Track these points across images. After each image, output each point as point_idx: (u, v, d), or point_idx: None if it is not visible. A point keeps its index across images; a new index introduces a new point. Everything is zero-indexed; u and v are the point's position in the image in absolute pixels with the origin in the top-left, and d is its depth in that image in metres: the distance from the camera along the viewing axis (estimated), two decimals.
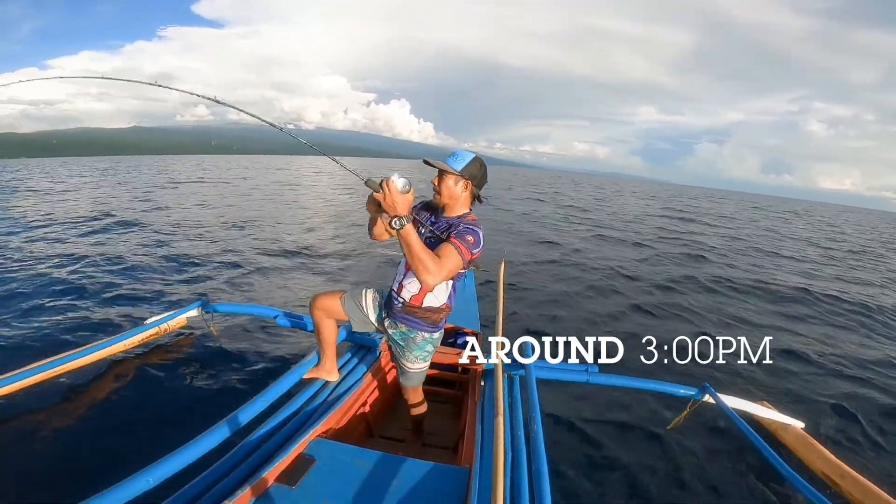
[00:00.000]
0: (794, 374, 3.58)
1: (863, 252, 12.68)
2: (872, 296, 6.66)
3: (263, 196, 14.49)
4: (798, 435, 2.41)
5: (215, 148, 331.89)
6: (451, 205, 1.61)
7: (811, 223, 23.92)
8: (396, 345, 1.78)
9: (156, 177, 20.29)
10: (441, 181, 1.59)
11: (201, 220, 8.95)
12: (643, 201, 25.66)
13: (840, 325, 5.15)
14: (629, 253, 8.34)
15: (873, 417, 2.97)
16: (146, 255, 5.83)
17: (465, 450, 1.65)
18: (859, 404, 3.11)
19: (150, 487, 1.26)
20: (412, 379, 1.83)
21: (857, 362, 3.91)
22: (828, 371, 3.70)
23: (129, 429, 2.25)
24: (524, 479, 1.33)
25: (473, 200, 1.65)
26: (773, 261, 9.14)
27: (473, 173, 1.57)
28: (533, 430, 1.54)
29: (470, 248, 1.47)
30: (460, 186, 1.58)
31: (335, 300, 1.84)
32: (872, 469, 2.37)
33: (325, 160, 1.73)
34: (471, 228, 1.52)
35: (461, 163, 1.56)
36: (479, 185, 1.62)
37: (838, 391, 3.32)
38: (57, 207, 9.72)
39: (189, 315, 2.92)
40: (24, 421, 2.20)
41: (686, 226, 14.20)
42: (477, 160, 1.60)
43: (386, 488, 1.36)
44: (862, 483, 2.00)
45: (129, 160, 42.65)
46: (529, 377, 1.99)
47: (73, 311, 3.76)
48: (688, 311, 5.04)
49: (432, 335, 1.74)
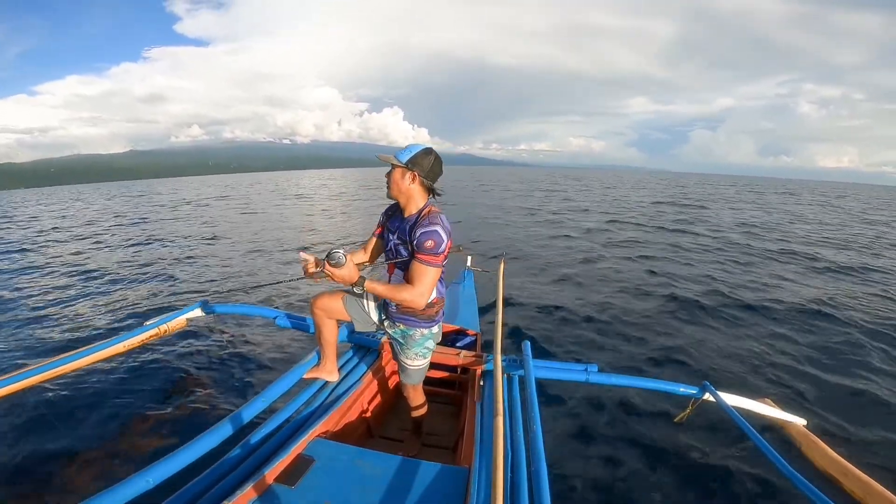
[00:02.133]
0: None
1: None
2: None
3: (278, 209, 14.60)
4: (800, 432, 2.39)
5: (213, 168, 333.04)
6: (405, 201, 1.62)
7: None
8: (397, 343, 1.80)
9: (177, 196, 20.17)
10: (389, 175, 1.61)
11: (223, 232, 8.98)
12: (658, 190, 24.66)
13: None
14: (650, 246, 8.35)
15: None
16: (159, 259, 5.86)
17: (465, 450, 1.65)
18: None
19: (150, 488, 1.26)
20: (413, 376, 1.84)
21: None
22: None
23: (128, 429, 2.26)
24: (523, 479, 1.33)
25: (429, 193, 1.63)
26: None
27: (419, 163, 1.55)
28: (532, 430, 1.54)
29: (434, 252, 1.51)
30: (407, 178, 1.57)
31: (336, 300, 1.85)
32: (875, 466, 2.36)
33: (316, 173, 1.82)
34: (427, 231, 1.51)
35: (407, 154, 1.56)
36: (429, 177, 1.58)
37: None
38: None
39: (190, 316, 2.92)
40: (24, 422, 2.21)
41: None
42: (425, 150, 1.58)
43: (385, 488, 1.35)
44: (865, 481, 1.99)
45: (134, 184, 42.70)
46: (529, 377, 1.98)
47: (74, 313, 3.78)
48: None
49: (431, 330, 1.75)
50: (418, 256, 1.52)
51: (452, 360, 2.27)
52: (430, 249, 1.50)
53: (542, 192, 24.66)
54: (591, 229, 10.81)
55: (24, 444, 2.08)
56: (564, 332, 4.11)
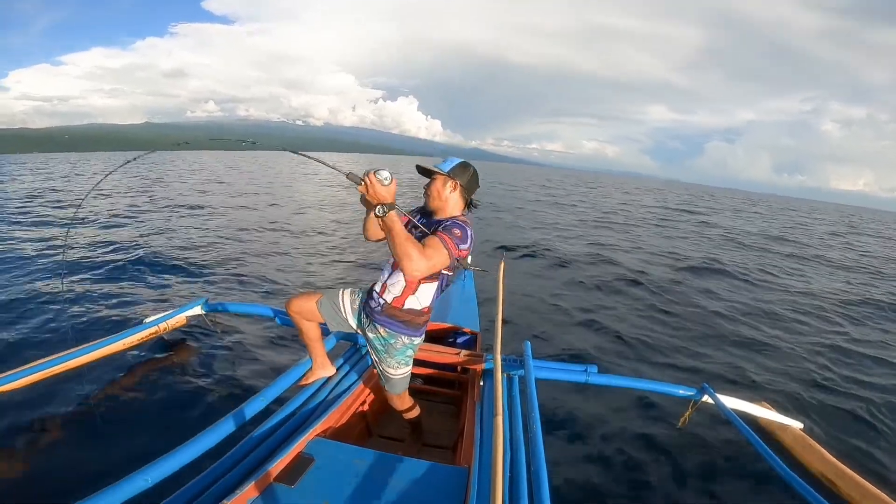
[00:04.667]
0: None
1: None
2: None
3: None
4: (797, 435, 2.41)
5: (221, 144, 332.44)
6: (441, 207, 1.63)
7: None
8: (376, 351, 1.72)
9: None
10: (430, 184, 1.65)
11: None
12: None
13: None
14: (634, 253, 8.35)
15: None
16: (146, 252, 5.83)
17: (465, 450, 1.65)
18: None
19: (149, 486, 1.26)
20: (397, 386, 1.77)
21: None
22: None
23: (126, 428, 2.25)
24: (523, 479, 1.33)
25: (465, 206, 1.67)
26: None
27: (461, 175, 1.63)
28: (532, 431, 1.54)
29: (457, 242, 1.46)
30: (448, 187, 1.61)
31: (311, 303, 1.82)
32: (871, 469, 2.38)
33: (336, 157, 1.77)
34: (458, 224, 1.52)
35: (449, 165, 1.64)
36: (468, 189, 1.65)
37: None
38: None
39: (189, 314, 2.92)
40: (20, 421, 2.19)
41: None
42: (465, 164, 1.66)
43: (385, 488, 1.35)
44: (860, 483, 2.01)
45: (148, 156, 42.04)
46: (529, 377, 1.98)
47: (73, 308, 3.76)
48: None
49: (412, 340, 1.70)
50: (440, 233, 1.46)
51: (452, 360, 2.27)
52: (456, 237, 1.47)
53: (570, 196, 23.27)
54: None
55: (15, 444, 2.07)
56: (565, 333, 4.11)
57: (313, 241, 7.64)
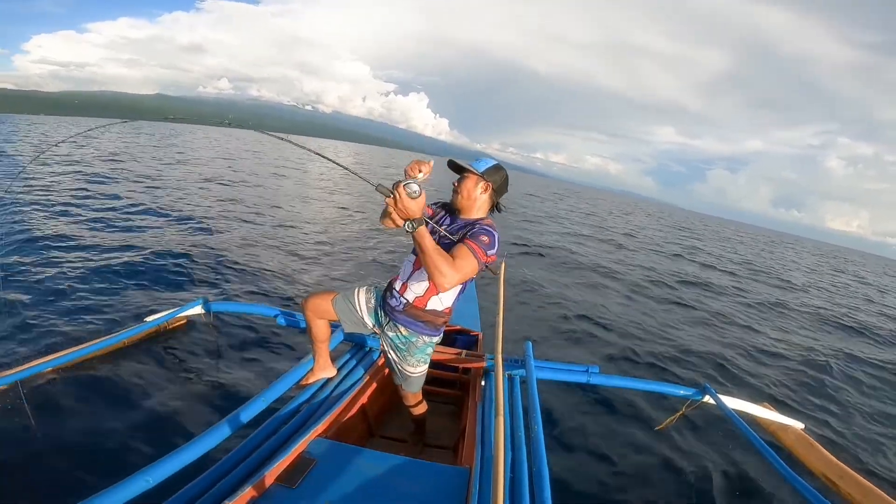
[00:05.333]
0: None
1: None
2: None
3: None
4: (798, 436, 2.41)
5: (230, 121, 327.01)
6: (469, 206, 1.61)
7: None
8: (396, 350, 1.73)
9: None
10: (461, 182, 1.61)
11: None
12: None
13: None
14: None
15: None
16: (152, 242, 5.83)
17: (466, 450, 1.65)
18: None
19: (150, 487, 1.25)
20: (414, 384, 1.79)
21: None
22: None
23: (126, 428, 2.25)
24: (525, 480, 1.33)
25: (492, 208, 1.65)
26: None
27: (494, 178, 1.60)
28: (533, 431, 1.54)
29: (485, 249, 1.46)
30: (480, 188, 1.59)
31: (327, 301, 1.82)
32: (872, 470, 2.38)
33: (341, 145, 1.74)
34: (486, 229, 1.50)
35: (483, 165, 1.61)
36: (498, 192, 1.63)
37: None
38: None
39: (189, 314, 2.91)
40: (17, 420, 2.19)
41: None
42: (499, 167, 1.63)
43: (386, 488, 1.35)
44: (861, 483, 2.01)
45: (152, 125, 40.82)
46: (530, 377, 1.98)
47: (71, 306, 3.75)
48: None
49: (432, 339, 1.72)
50: (468, 242, 1.44)
51: (454, 360, 2.27)
52: (484, 244, 1.46)
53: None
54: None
55: (16, 443, 2.06)
56: (566, 333, 4.11)
57: (315, 237, 7.63)
